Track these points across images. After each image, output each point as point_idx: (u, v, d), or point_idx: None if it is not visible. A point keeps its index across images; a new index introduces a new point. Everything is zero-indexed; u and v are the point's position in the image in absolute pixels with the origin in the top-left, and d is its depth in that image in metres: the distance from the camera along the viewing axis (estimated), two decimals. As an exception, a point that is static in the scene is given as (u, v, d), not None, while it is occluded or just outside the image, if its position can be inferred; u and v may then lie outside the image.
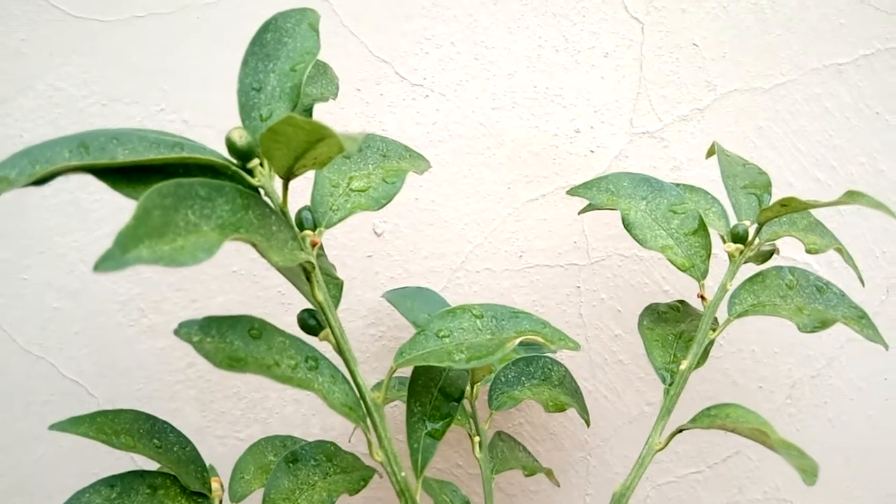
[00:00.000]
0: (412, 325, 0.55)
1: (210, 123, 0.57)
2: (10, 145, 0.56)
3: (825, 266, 0.61)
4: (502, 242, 0.61)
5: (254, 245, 0.31)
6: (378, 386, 0.39)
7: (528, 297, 0.61)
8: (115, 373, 0.59)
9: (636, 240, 0.45)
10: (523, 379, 0.53)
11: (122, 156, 0.30)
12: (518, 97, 0.59)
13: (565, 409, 0.54)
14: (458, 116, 0.59)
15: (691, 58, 0.59)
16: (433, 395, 0.38)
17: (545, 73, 0.58)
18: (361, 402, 0.36)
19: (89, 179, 0.59)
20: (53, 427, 0.40)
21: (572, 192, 0.48)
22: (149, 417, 0.43)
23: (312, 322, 0.37)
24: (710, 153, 0.52)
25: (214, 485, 0.44)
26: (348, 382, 0.36)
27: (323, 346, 0.37)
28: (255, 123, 0.34)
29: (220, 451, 0.61)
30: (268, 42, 0.36)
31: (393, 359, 0.36)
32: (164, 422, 0.43)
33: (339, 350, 0.36)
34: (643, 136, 0.59)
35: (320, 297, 0.36)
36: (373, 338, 0.61)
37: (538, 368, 0.54)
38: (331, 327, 0.36)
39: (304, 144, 0.29)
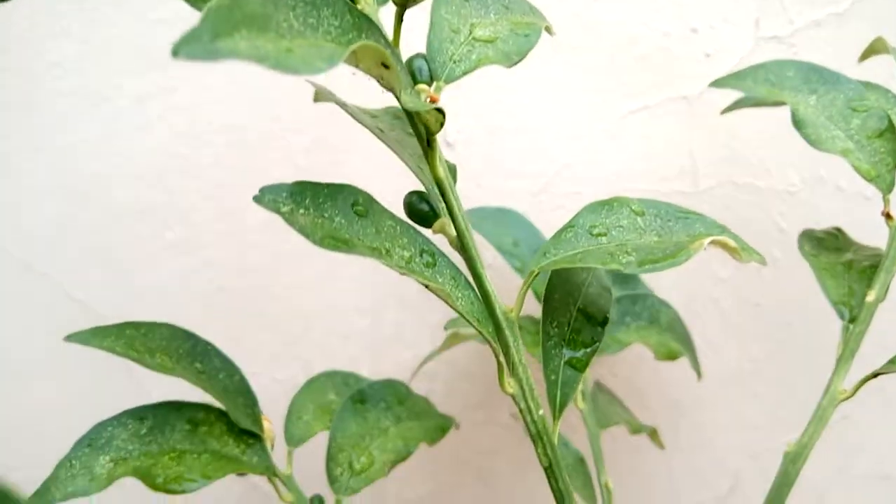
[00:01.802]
0: (496, 250, 0.46)
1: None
2: None
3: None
4: (594, 162, 0.51)
5: (383, 66, 0.21)
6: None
7: (622, 228, 0.52)
8: (130, 296, 0.50)
9: (808, 141, 0.36)
10: (628, 319, 0.45)
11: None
12: (625, -13, 0.49)
13: (676, 358, 0.45)
14: (550, 2, 0.49)
15: (834, -51, 0.49)
16: (572, 315, 0.29)
17: (660, -42, 0.49)
18: (489, 315, 0.27)
19: (109, 60, 0.49)
20: (71, 338, 0.30)
21: (719, 83, 0.39)
22: (189, 335, 0.34)
23: (425, 208, 0.28)
24: (871, 53, 0.43)
25: (266, 424, 0.35)
26: (472, 289, 0.27)
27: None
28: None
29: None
30: None
31: (533, 260, 0.27)
32: (208, 343, 0.34)
33: (462, 246, 0.27)
34: (770, 42, 0.50)
35: (441, 172, 0.26)
36: (437, 268, 0.52)
37: (645, 308, 0.45)
38: (451, 215, 0.27)
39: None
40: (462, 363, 0.53)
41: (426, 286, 0.24)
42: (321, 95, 0.30)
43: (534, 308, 0.44)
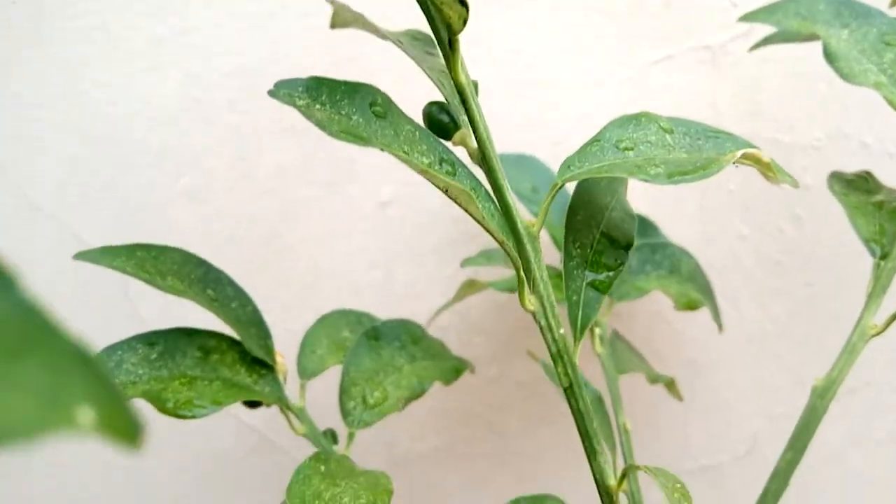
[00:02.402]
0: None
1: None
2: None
3: None
4: (615, 113, 0.49)
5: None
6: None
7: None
8: (142, 239, 0.49)
9: (840, 74, 0.35)
10: (648, 267, 0.44)
11: None
12: (650, -69, 0.48)
13: (697, 307, 0.44)
14: (575, -49, 0.48)
15: None
16: (595, 237, 0.28)
17: None
18: (510, 229, 0.26)
19: (125, 1, 0.49)
20: (80, 256, 0.30)
21: (749, 17, 0.37)
22: (201, 262, 0.33)
23: (445, 118, 0.27)
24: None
25: (279, 359, 0.34)
26: (492, 201, 0.26)
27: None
28: None
29: (262, 345, 0.51)
30: None
31: (558, 172, 0.26)
32: (221, 271, 0.33)
33: (483, 157, 0.26)
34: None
35: (462, 78, 0.25)
36: (451, 220, 0.51)
37: (665, 257, 0.44)
38: (473, 125, 0.26)
39: None
40: (475, 317, 0.52)
41: (445, 191, 0.23)
42: (339, 15, 0.29)
43: (552, 257, 0.43)
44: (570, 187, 0.31)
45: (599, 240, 0.27)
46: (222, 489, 0.53)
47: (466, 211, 0.24)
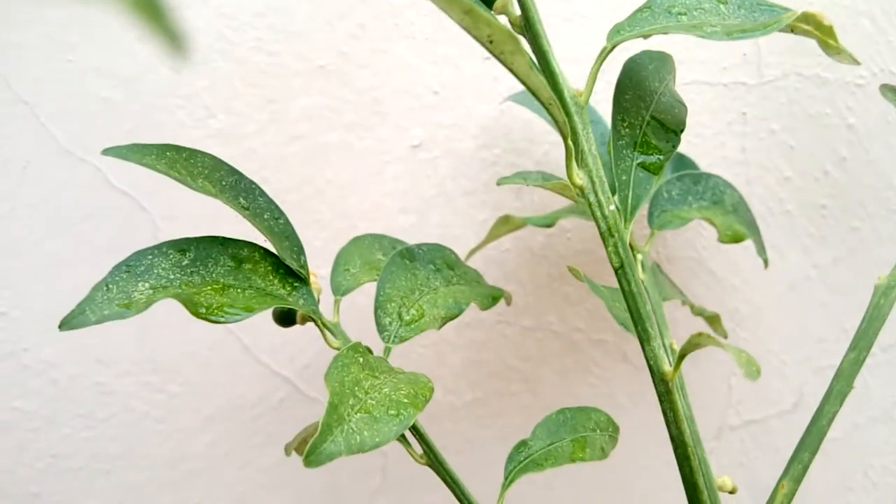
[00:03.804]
0: (548, 123, 0.44)
1: None
2: None
3: None
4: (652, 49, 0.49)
5: None
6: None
7: (680, 122, 0.50)
8: (173, 184, 0.49)
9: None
10: (690, 198, 0.42)
11: None
12: None
13: (742, 240, 0.42)
14: None
15: None
16: (644, 119, 0.27)
17: None
18: (557, 98, 0.24)
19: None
20: (107, 152, 0.29)
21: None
22: (234, 171, 0.32)
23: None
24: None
25: (312, 277, 0.33)
26: (538, 70, 0.25)
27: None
28: None
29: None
30: None
31: (607, 36, 0.25)
32: (252, 181, 0.33)
33: (527, 24, 0.25)
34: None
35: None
36: (484, 163, 0.50)
37: (707, 189, 0.43)
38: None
39: None
40: (510, 266, 0.51)
41: (489, 41, 0.22)
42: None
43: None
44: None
45: (649, 122, 0.26)
46: (253, 439, 0.52)
47: (510, 68, 0.23)
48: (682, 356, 0.24)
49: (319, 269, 0.50)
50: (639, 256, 0.38)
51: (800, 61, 0.49)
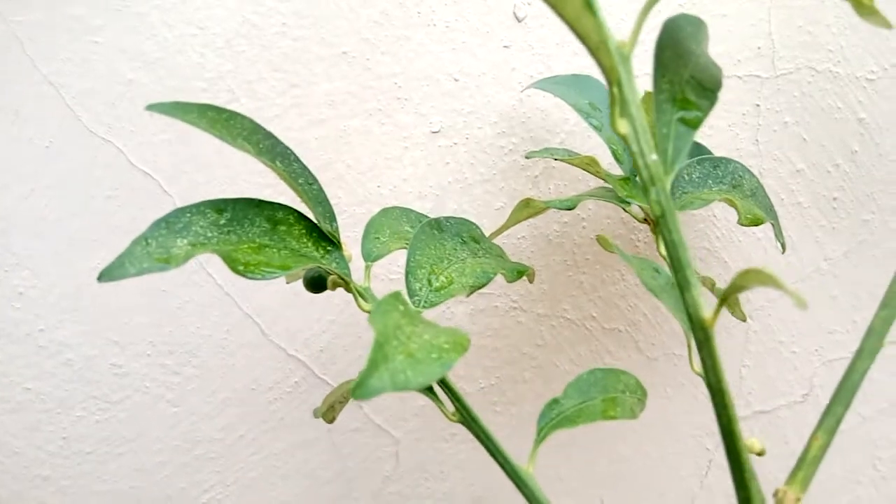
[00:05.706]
0: (574, 111, 0.45)
1: None
2: None
3: None
4: None
5: None
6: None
7: (695, 113, 0.50)
8: (194, 167, 0.49)
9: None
10: (710, 181, 0.43)
11: None
12: None
13: (761, 223, 0.43)
14: None
15: None
16: (683, 77, 0.27)
17: None
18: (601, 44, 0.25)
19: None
20: (152, 108, 0.29)
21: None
22: (270, 135, 0.33)
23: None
24: None
25: (343, 244, 0.34)
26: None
27: None
28: None
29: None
30: None
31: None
32: (288, 147, 0.33)
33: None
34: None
35: None
36: (502, 150, 0.51)
37: (727, 173, 0.44)
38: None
39: None
40: (526, 254, 0.52)
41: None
42: None
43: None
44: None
45: (688, 80, 0.27)
46: (267, 423, 0.52)
47: (560, 12, 0.24)
48: (723, 300, 0.25)
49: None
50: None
51: (812, 56, 0.50)
